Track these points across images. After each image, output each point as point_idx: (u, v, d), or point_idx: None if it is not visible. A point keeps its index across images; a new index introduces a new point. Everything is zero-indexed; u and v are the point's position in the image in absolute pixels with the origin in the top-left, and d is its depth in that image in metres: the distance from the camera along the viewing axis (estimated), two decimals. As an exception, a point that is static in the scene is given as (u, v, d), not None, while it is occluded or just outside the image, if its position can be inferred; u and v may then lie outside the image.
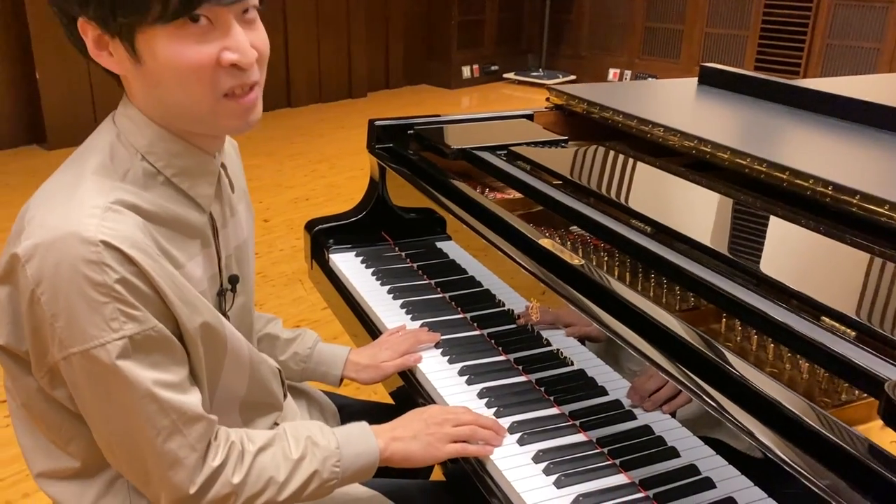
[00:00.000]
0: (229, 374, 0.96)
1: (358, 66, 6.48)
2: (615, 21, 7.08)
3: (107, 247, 0.78)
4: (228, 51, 0.82)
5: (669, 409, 0.99)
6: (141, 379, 0.81)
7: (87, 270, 0.77)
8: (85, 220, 0.79)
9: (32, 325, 0.82)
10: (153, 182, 0.88)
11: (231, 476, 0.88)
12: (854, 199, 1.21)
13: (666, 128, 1.59)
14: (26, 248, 0.79)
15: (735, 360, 0.90)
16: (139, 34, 0.81)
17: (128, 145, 0.88)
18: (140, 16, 0.79)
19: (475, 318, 1.40)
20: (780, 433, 0.81)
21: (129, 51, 0.82)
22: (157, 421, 0.83)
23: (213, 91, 0.84)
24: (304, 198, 4.09)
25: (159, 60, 0.82)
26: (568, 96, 1.87)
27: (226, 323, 0.94)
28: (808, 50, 5.96)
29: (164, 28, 0.80)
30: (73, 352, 0.80)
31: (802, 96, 1.79)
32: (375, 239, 1.75)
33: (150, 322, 0.82)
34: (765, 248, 1.19)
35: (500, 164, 1.52)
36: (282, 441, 0.94)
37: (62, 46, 4.51)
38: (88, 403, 0.84)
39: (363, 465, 0.98)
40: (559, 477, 0.99)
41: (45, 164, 4.47)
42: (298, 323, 2.78)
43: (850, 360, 0.84)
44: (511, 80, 7.39)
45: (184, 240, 0.90)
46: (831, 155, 1.50)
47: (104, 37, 0.83)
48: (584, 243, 1.35)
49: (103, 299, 0.78)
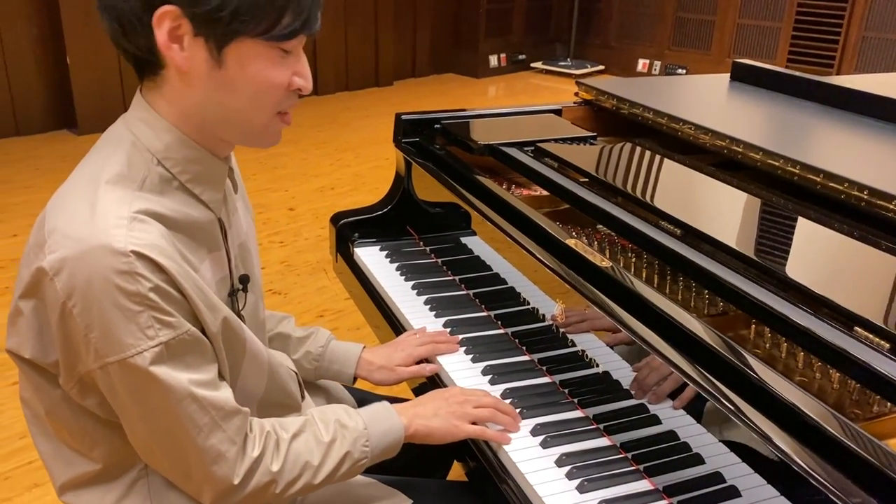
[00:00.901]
0: (248, 374, 0.97)
1: (384, 55, 6.46)
2: (645, 11, 6.99)
3: (138, 257, 0.79)
4: (298, 76, 0.89)
5: (679, 403, 0.99)
6: (179, 381, 0.83)
7: (120, 281, 0.78)
8: (112, 231, 0.79)
9: (63, 337, 0.82)
10: (168, 187, 0.89)
11: (270, 464, 0.91)
12: (891, 203, 1.18)
13: (697, 126, 1.57)
14: (53, 261, 0.80)
15: (761, 369, 0.88)
16: (235, 42, 0.83)
17: (143, 151, 0.88)
18: (254, 27, 0.82)
19: (499, 317, 1.40)
20: (806, 445, 0.80)
21: (214, 53, 0.84)
22: (198, 419, 0.85)
23: (274, 108, 0.90)
24: (330, 187, 4.11)
25: (245, 71, 0.85)
26: (597, 91, 1.85)
27: (243, 324, 0.95)
28: (844, 42, 5.83)
29: (263, 43, 0.84)
30: (110, 361, 0.81)
31: (838, 95, 1.75)
32: (400, 233, 1.74)
33: (184, 326, 0.83)
34: (797, 253, 1.17)
35: (527, 160, 1.51)
36: (312, 426, 0.97)
37: (93, 32, 4.60)
38: (128, 409, 0.85)
39: (390, 443, 1.01)
40: (582, 482, 0.99)
41: (76, 149, 4.53)
42: (322, 313, 2.80)
43: (883, 373, 0.83)
44: (538, 70, 7.33)
45: (197, 244, 0.91)
46: (867, 157, 1.47)
47: (184, 32, 0.82)
48: (611, 243, 1.34)
49: (138, 308, 0.79)
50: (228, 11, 0.81)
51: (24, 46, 4.57)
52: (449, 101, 6.11)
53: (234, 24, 0.82)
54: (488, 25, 6.98)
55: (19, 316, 0.86)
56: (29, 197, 3.79)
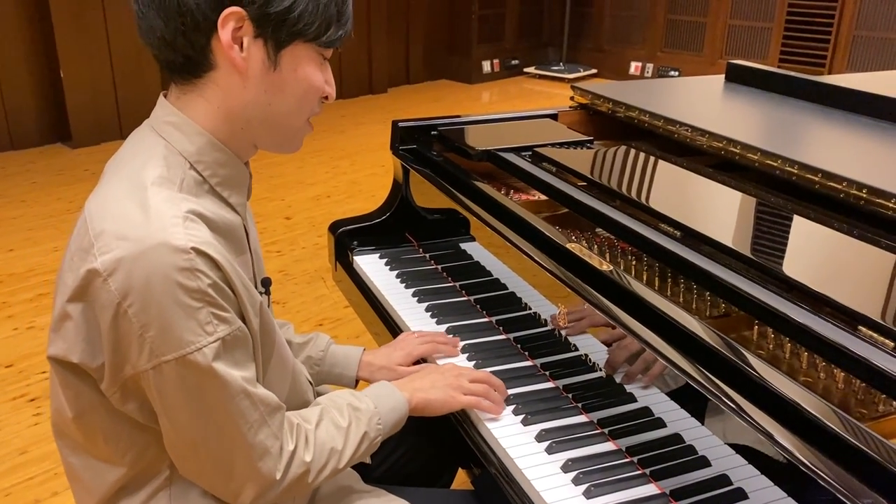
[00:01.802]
0: (272, 378, 0.98)
1: (378, 62, 6.47)
2: (637, 13, 7.01)
3: (198, 253, 0.80)
4: (329, 85, 0.95)
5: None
6: (233, 377, 0.85)
7: (181, 278, 0.79)
8: (171, 229, 0.80)
9: (114, 338, 0.82)
10: (200, 190, 0.90)
11: (304, 456, 0.93)
12: (890, 202, 1.18)
13: (693, 128, 1.57)
14: (107, 261, 0.80)
15: (764, 370, 0.88)
16: (292, 45, 0.89)
17: (177, 154, 0.89)
18: (312, 32, 0.88)
19: (501, 322, 1.39)
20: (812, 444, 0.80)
21: (271, 55, 0.88)
22: (250, 415, 0.87)
23: (310, 112, 0.96)
24: (326, 195, 4.10)
25: (297, 74, 0.91)
26: (593, 95, 1.85)
27: (276, 326, 0.97)
28: (835, 41, 5.85)
29: (315, 49, 0.91)
30: (167, 359, 0.81)
31: (833, 94, 1.75)
32: (399, 240, 1.74)
33: (237, 322, 0.85)
34: (797, 252, 1.17)
35: (525, 165, 1.51)
36: (329, 413, 1.00)
37: (86, 45, 4.60)
38: (178, 408, 0.85)
39: (398, 418, 1.06)
40: (589, 487, 0.98)
41: (71, 162, 4.52)
42: (321, 321, 2.79)
43: (888, 372, 0.82)
44: (532, 75, 7.35)
45: (231, 246, 0.92)
46: (865, 156, 1.47)
47: (244, 33, 0.86)
48: (610, 246, 1.34)
49: (197, 304, 0.81)
50: (296, 14, 0.86)
51: (18, 61, 4.56)
52: (443, 108, 6.12)
53: (298, 26, 0.87)
54: (481, 31, 7.00)
55: (66, 320, 0.85)
56: (24, 211, 3.79)
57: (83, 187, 4.10)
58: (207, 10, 0.84)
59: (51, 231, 3.55)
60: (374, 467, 1.23)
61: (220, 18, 0.84)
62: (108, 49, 4.74)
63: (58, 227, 3.60)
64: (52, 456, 2.06)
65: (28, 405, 2.29)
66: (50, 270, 3.15)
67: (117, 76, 4.81)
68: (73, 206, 3.86)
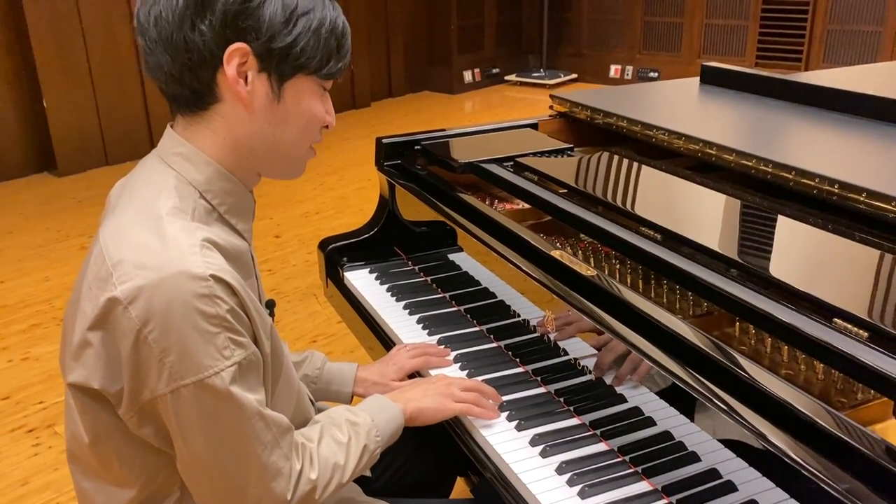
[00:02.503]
0: (280, 399, 1.00)
1: (360, 76, 6.51)
2: (614, 17, 7.09)
3: (216, 280, 0.83)
4: (328, 114, 0.99)
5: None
6: (249, 400, 0.87)
7: (201, 304, 0.82)
8: (189, 257, 0.83)
9: (133, 364, 0.84)
10: (210, 219, 0.93)
11: (309, 474, 0.95)
12: (861, 196, 1.22)
13: (670, 132, 1.61)
14: (127, 290, 0.82)
15: (747, 365, 0.91)
16: (295, 78, 0.92)
17: (187, 184, 0.92)
18: (314, 65, 0.92)
19: (491, 331, 1.42)
20: (794, 436, 0.83)
21: (275, 88, 0.92)
22: (264, 436, 0.89)
23: (311, 141, 0.99)
24: (315, 211, 4.13)
25: (300, 105, 0.94)
26: (571, 103, 1.89)
27: (285, 349, 1.00)
28: (810, 36, 5.94)
29: (316, 81, 0.94)
30: (185, 383, 0.83)
31: (805, 92, 1.80)
32: (388, 254, 1.77)
33: (252, 346, 0.88)
34: (774, 249, 1.20)
35: (508, 175, 1.54)
36: (329, 430, 1.03)
37: (68, 73, 4.62)
38: (194, 432, 0.87)
39: (394, 429, 1.09)
40: (583, 487, 1.01)
41: (57, 190, 4.53)
42: (315, 338, 2.81)
43: (862, 362, 0.86)
44: (513, 82, 7.40)
45: (241, 271, 0.94)
46: (837, 152, 1.51)
47: (248, 68, 0.89)
48: (594, 251, 1.37)
49: (216, 330, 0.83)
50: (299, 49, 0.90)
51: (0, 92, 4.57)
52: (427, 119, 6.16)
53: (301, 60, 0.91)
54: (461, 42, 7.06)
55: (88, 348, 0.88)
56: (12, 242, 3.79)
57: (71, 216, 4.11)
58: (213, 46, 0.87)
59: (40, 261, 3.55)
60: (373, 479, 1.26)
61: (225, 54, 0.88)
62: (90, 76, 4.75)
63: (47, 256, 3.60)
64: (53, 486, 2.07)
65: (27, 436, 2.30)
66: (41, 301, 3.15)
67: (100, 103, 4.82)
68: (62, 234, 3.86)
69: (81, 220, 4.01)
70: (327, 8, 0.93)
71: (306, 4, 0.90)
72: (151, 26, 0.88)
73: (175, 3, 0.86)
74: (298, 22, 0.89)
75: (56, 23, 4.56)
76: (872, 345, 0.88)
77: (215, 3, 0.86)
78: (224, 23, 0.87)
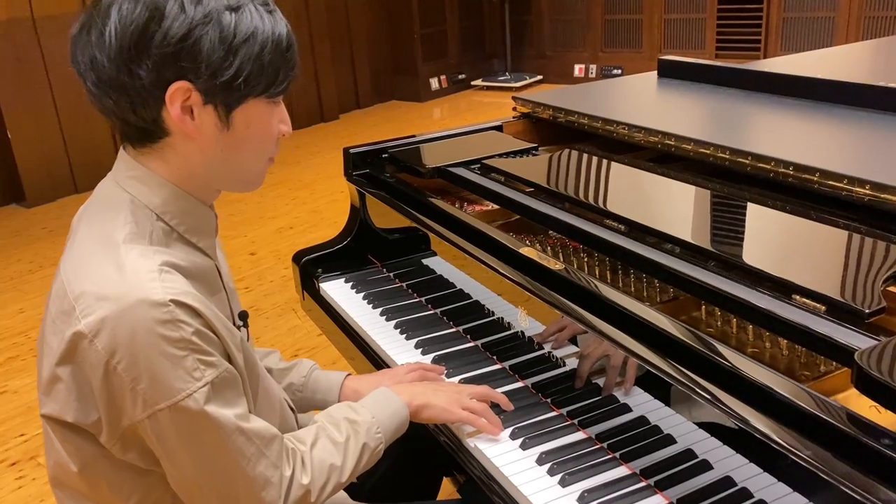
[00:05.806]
0: (261, 409, 1.00)
1: (327, 89, 6.52)
2: (574, 17, 7.17)
3: (177, 304, 0.84)
4: (283, 123, 0.97)
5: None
6: (226, 416, 0.87)
7: (164, 330, 0.82)
8: (147, 284, 0.83)
9: (107, 395, 0.85)
10: (170, 240, 0.93)
11: (301, 479, 0.95)
12: (815, 176, 1.26)
13: (630, 125, 1.64)
14: (90, 323, 0.83)
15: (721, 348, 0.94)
16: (243, 104, 0.90)
17: (143, 208, 0.92)
18: (260, 88, 0.90)
19: (468, 331, 1.44)
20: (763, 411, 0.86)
21: (222, 118, 0.90)
22: (246, 450, 0.89)
23: (268, 155, 0.98)
24: (289, 226, 4.12)
25: (251, 128, 0.93)
26: (533, 104, 1.92)
27: (258, 360, 1.01)
28: (766, 25, 6.05)
29: (263, 101, 0.92)
30: (160, 408, 0.84)
31: (759, 80, 1.85)
32: (363, 263, 1.78)
33: (223, 364, 0.88)
34: (735, 233, 1.24)
35: (475, 178, 1.57)
36: (325, 430, 1.03)
37: (30, 103, 4.58)
38: (177, 452, 0.88)
39: (398, 424, 1.09)
40: (563, 476, 1.03)
41: (27, 221, 4.48)
42: (296, 352, 2.81)
43: (821, 334, 0.89)
44: (479, 87, 7.45)
45: (205, 289, 0.95)
46: (791, 136, 1.55)
47: (193, 103, 0.88)
48: (563, 246, 1.40)
49: (182, 353, 0.84)
50: (242, 79, 0.88)
51: (-38, 126, 4.52)
52: (396, 128, 6.18)
53: (246, 88, 0.89)
54: (425, 49, 7.09)
55: (57, 383, 0.88)
56: (-16, 276, 3.74)
57: (42, 246, 4.07)
58: (153, 88, 0.86)
59: (14, 293, 3.52)
60: (359, 485, 1.27)
61: (167, 95, 0.86)
62: (53, 105, 4.71)
63: (20, 288, 3.57)
64: (39, 517, 2.05)
65: (10, 469, 2.28)
66: (17, 333, 3.12)
67: (66, 131, 4.78)
68: (34, 265, 3.83)
69: (53, 250, 3.97)
70: (267, 25, 0.89)
71: (245, 30, 0.87)
72: (89, 70, 0.87)
73: (108, 46, 0.84)
74: (239, 52, 0.86)
75: (17, 52, 4.52)
76: (830, 317, 0.92)
77: (149, 46, 0.84)
78: (162, 65, 0.85)
